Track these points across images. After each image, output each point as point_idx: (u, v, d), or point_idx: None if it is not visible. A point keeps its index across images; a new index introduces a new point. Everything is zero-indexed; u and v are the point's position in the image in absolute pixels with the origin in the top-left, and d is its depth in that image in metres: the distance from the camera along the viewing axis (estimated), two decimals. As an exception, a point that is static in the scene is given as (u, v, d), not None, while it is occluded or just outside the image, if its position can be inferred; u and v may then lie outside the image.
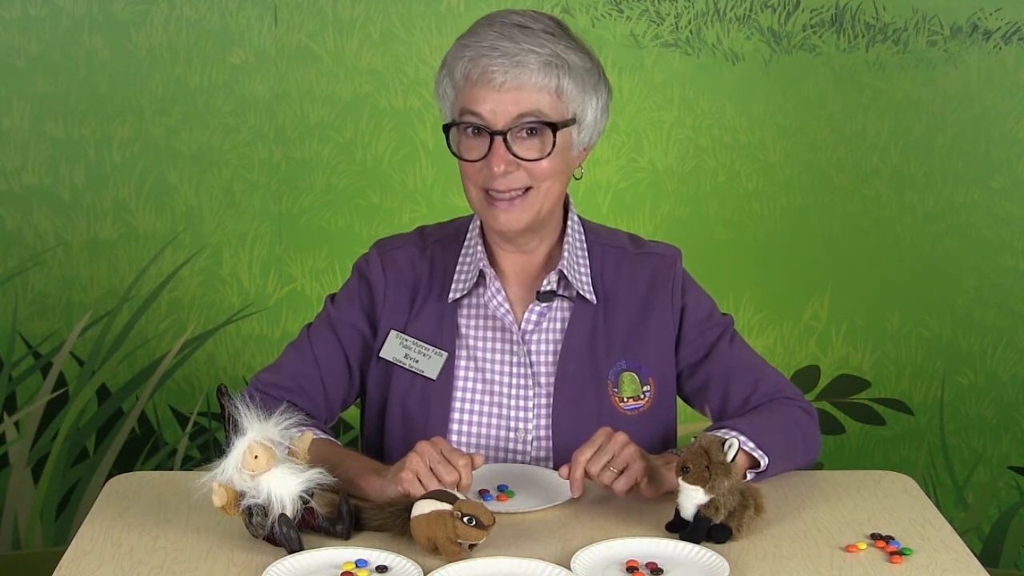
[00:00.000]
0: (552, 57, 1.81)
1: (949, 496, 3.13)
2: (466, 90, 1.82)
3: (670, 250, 2.01)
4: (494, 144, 1.81)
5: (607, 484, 1.73)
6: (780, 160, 3.04)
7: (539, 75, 1.80)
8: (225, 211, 3.03)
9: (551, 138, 1.82)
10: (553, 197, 1.88)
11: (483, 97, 1.81)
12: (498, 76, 1.79)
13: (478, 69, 1.80)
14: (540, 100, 1.81)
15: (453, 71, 1.85)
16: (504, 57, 1.79)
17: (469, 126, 1.83)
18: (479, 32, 1.84)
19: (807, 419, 1.94)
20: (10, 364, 3.07)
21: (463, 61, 1.82)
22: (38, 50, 2.95)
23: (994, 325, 3.09)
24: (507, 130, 1.80)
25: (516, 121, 1.81)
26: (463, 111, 1.83)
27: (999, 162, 3.03)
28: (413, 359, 1.94)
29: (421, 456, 1.70)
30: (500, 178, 1.82)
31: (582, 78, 1.84)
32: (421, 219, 2.04)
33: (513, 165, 1.82)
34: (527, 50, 1.80)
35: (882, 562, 1.62)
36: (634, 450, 1.74)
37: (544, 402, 1.94)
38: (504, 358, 1.94)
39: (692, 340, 1.97)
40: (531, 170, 1.83)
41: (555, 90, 1.82)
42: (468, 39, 1.85)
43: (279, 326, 3.07)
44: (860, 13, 2.98)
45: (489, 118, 1.81)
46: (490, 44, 1.81)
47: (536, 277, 1.96)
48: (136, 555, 1.63)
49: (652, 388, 1.95)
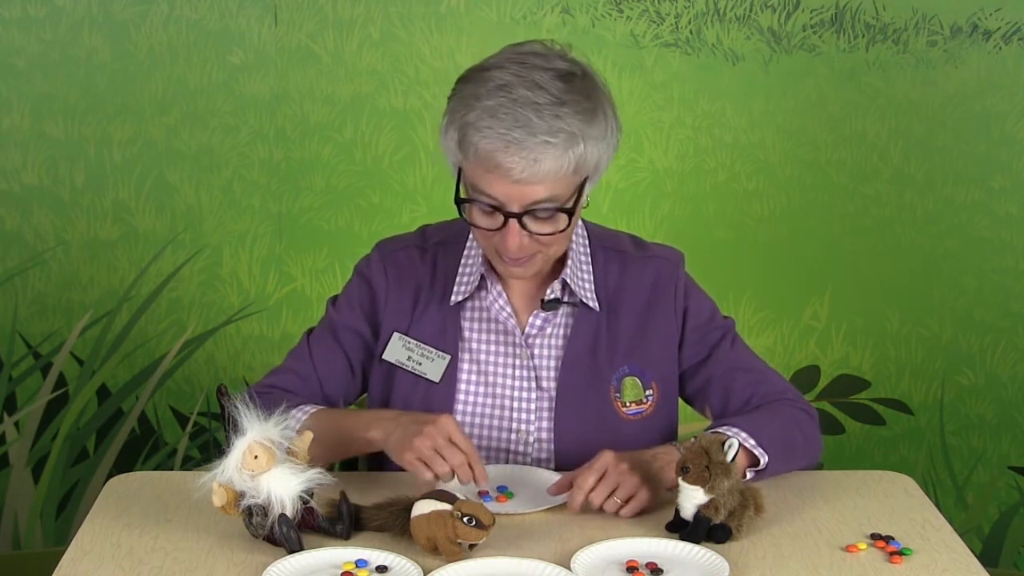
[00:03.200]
0: (567, 140, 1.74)
1: (949, 496, 3.14)
2: (479, 172, 1.76)
3: (673, 254, 2.01)
4: (509, 224, 1.77)
5: (610, 512, 1.73)
6: (780, 160, 3.04)
7: (555, 164, 1.74)
8: (225, 211, 3.03)
9: (566, 220, 1.80)
10: (562, 251, 1.90)
11: (498, 185, 1.75)
12: (515, 172, 1.73)
13: (493, 162, 1.74)
14: (556, 186, 1.76)
15: (464, 140, 1.77)
16: (520, 153, 1.72)
17: (483, 204, 1.78)
18: (491, 107, 1.74)
19: (808, 420, 1.94)
20: (10, 364, 3.07)
21: (478, 139, 1.74)
22: (38, 50, 2.95)
23: (994, 325, 3.09)
24: (522, 213, 1.77)
25: (531, 206, 1.77)
26: (475, 189, 1.78)
27: (999, 162, 3.03)
28: (416, 361, 1.94)
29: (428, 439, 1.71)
30: (512, 251, 1.80)
31: (596, 141, 1.79)
32: (421, 219, 2.04)
33: (527, 239, 1.80)
34: (543, 143, 1.72)
35: (882, 562, 1.62)
36: (639, 479, 1.74)
37: (547, 405, 1.94)
38: (507, 361, 1.94)
39: (694, 342, 1.98)
40: (545, 241, 1.81)
41: (572, 166, 1.76)
42: (482, 112, 1.74)
43: (279, 326, 3.07)
44: (860, 13, 2.98)
45: (504, 202, 1.76)
46: (503, 134, 1.72)
47: (538, 282, 1.95)
48: (136, 555, 1.63)
49: (655, 392, 1.95)
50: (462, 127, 1.77)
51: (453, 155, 1.82)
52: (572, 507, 1.74)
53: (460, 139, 1.78)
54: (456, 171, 1.83)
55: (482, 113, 1.74)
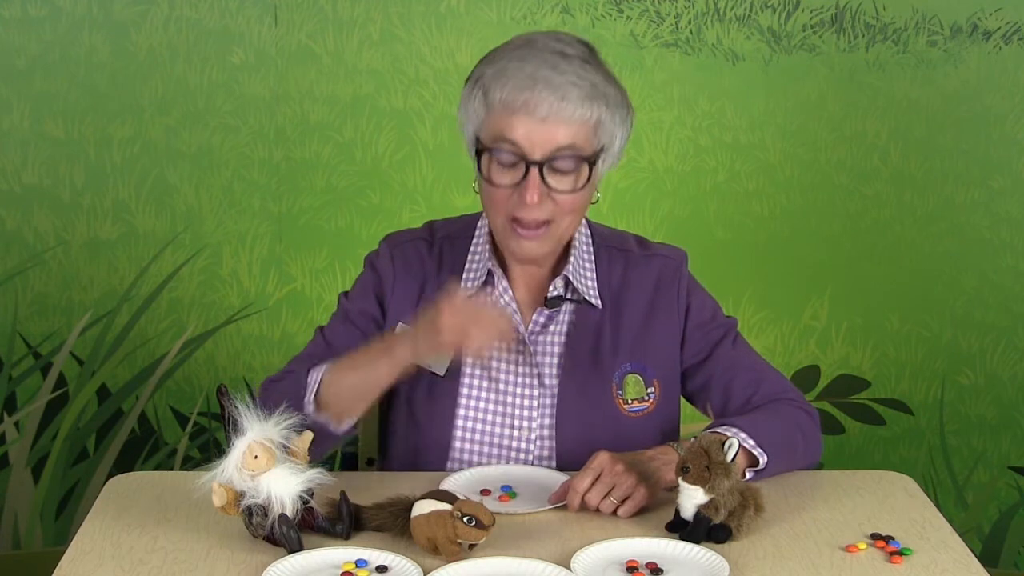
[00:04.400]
0: (592, 90, 1.79)
1: (949, 496, 3.14)
2: (504, 117, 1.79)
3: (676, 252, 2.02)
4: (530, 174, 1.78)
5: (606, 512, 1.73)
6: (780, 160, 3.04)
7: (580, 108, 1.77)
8: (225, 211, 3.03)
9: (587, 172, 1.81)
10: (573, 229, 1.89)
11: (522, 127, 1.77)
12: (541, 109, 1.76)
13: (520, 99, 1.76)
14: (578, 134, 1.79)
15: (488, 91, 1.80)
16: (547, 89, 1.76)
17: (504, 152, 1.80)
18: (518, 54, 1.80)
19: (809, 421, 1.94)
20: (10, 364, 3.07)
21: (503, 86, 1.78)
22: (38, 50, 2.95)
23: (994, 325, 3.09)
24: (544, 161, 1.78)
25: (554, 153, 1.78)
26: (498, 137, 1.79)
27: (999, 162, 3.03)
28: None
29: (453, 314, 1.70)
30: (529, 207, 1.80)
31: (616, 111, 1.83)
32: (421, 219, 2.03)
33: (545, 196, 1.80)
34: (570, 83, 1.77)
35: (882, 562, 1.62)
36: (635, 479, 1.74)
37: (548, 402, 1.94)
38: (510, 358, 1.94)
39: (695, 341, 1.98)
40: (561, 202, 1.81)
41: (594, 123, 1.80)
42: (507, 62, 1.80)
43: (279, 326, 3.07)
44: (860, 13, 2.98)
45: (527, 147, 1.78)
46: (531, 72, 1.77)
47: (542, 280, 1.96)
48: (136, 555, 1.63)
49: (657, 390, 1.95)
50: (487, 81, 1.80)
51: (475, 118, 1.83)
52: (569, 508, 1.74)
53: (485, 92, 1.80)
54: (473, 147, 1.85)
55: (508, 63, 1.79)
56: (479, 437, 1.95)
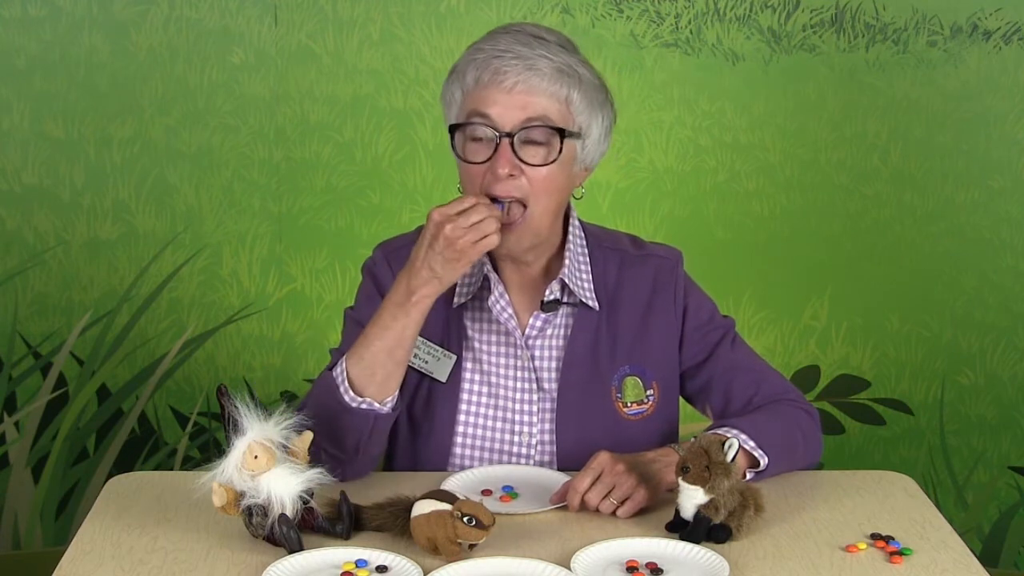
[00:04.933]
0: (564, 67, 1.81)
1: (949, 496, 3.14)
2: (476, 92, 1.82)
3: (671, 252, 2.01)
4: (500, 146, 1.80)
5: (605, 512, 1.73)
6: (780, 160, 3.04)
7: (550, 82, 1.80)
8: (225, 211, 3.03)
9: (558, 145, 1.82)
10: (551, 215, 1.88)
11: (493, 98, 1.80)
12: (510, 77, 1.79)
13: (489, 71, 1.80)
14: (549, 107, 1.81)
15: (464, 75, 1.84)
16: (517, 60, 1.80)
17: (476, 126, 1.82)
18: (493, 38, 1.85)
19: (809, 421, 1.94)
20: (10, 364, 3.07)
21: (475, 64, 1.82)
22: (38, 50, 2.95)
23: (994, 325, 3.09)
24: (514, 132, 1.80)
25: (524, 124, 1.80)
26: (471, 112, 1.82)
27: (999, 162, 3.03)
28: (423, 360, 1.93)
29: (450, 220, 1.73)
30: (502, 182, 1.81)
31: (591, 93, 1.85)
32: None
33: (517, 170, 1.81)
34: (540, 55, 1.80)
35: (882, 562, 1.62)
36: (635, 480, 1.74)
37: (548, 406, 1.94)
38: (508, 362, 1.94)
39: (694, 342, 1.97)
40: (533, 178, 1.81)
41: (565, 99, 1.82)
42: (482, 43, 1.85)
43: (279, 326, 3.07)
44: (860, 13, 2.98)
45: (497, 120, 1.80)
46: (503, 48, 1.81)
47: (538, 284, 1.95)
48: (136, 555, 1.63)
49: (655, 392, 1.95)
50: (462, 66, 1.85)
51: (453, 105, 1.87)
52: (569, 508, 1.74)
53: (460, 75, 1.84)
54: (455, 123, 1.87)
55: (482, 43, 1.84)
56: (480, 443, 1.95)
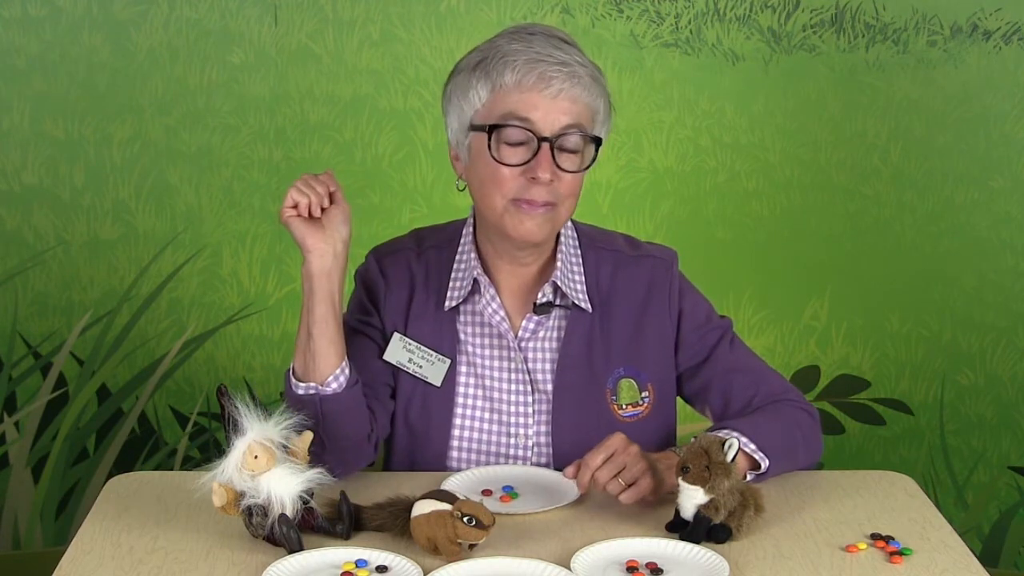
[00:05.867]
0: (596, 75, 1.83)
1: (949, 496, 3.14)
2: (514, 94, 1.79)
3: (666, 253, 2.00)
4: (541, 151, 1.78)
5: (613, 493, 1.73)
6: (780, 160, 3.04)
7: (588, 90, 1.81)
8: (225, 211, 3.03)
9: (592, 152, 1.82)
10: (568, 216, 1.89)
11: (536, 103, 1.78)
12: (555, 84, 1.78)
13: (534, 75, 1.78)
14: (583, 114, 1.81)
15: (498, 74, 1.80)
16: (560, 66, 1.78)
17: (516, 128, 1.79)
18: (522, 38, 1.82)
19: (809, 421, 1.94)
20: (10, 364, 3.07)
21: (512, 68, 1.79)
22: (38, 50, 2.95)
23: (994, 325, 3.09)
24: (555, 139, 1.79)
25: (563, 130, 1.79)
26: (507, 115, 1.79)
27: (999, 162, 3.03)
28: (417, 364, 1.93)
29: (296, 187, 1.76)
30: (539, 187, 1.79)
31: (608, 103, 1.87)
32: (421, 219, 2.03)
33: (556, 175, 1.80)
34: (577, 62, 1.80)
35: (882, 562, 1.62)
36: (645, 465, 1.74)
37: (544, 408, 1.94)
38: (502, 365, 1.94)
39: (691, 343, 1.97)
40: (565, 183, 1.81)
41: (596, 108, 1.83)
42: (509, 43, 1.81)
43: (279, 326, 3.07)
44: (860, 13, 2.98)
45: (539, 124, 1.78)
46: (543, 51, 1.79)
47: (531, 285, 1.95)
48: (136, 555, 1.63)
49: (651, 394, 1.95)
50: (490, 64, 1.80)
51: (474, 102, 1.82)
52: (579, 486, 1.74)
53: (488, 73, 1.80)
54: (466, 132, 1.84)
55: (509, 48, 1.80)
56: (476, 446, 1.95)
